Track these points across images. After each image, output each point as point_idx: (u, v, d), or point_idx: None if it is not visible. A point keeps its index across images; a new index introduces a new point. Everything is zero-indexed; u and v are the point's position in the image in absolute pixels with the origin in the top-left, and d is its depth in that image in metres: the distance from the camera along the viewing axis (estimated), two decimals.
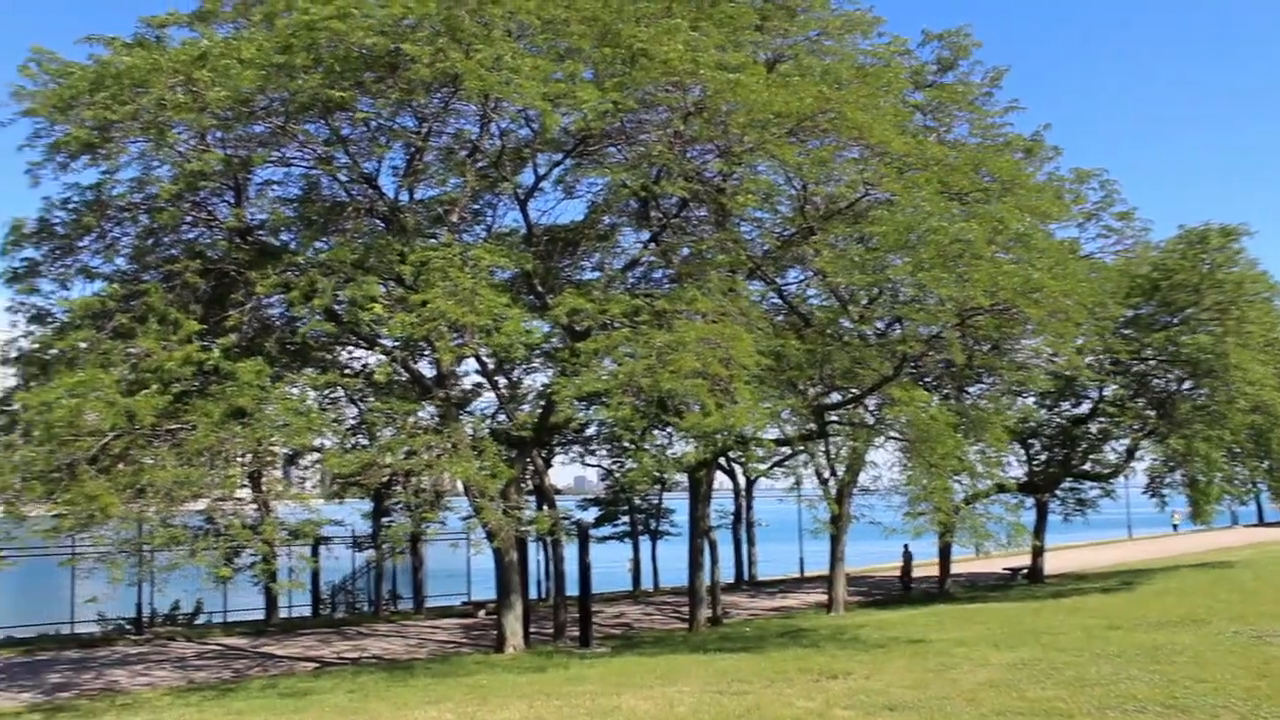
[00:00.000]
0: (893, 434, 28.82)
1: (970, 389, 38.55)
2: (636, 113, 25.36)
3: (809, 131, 25.25)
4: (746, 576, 51.20)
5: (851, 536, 37.29)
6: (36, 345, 25.44)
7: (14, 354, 26.38)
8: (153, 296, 22.26)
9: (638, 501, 49.58)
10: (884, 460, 37.62)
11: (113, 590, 25.97)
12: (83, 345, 22.43)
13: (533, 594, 35.69)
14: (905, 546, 41.95)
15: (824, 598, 36.90)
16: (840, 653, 21.71)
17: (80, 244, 25.39)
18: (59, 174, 23.70)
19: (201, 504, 23.29)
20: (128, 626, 34.17)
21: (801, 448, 35.53)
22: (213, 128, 22.83)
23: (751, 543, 51.80)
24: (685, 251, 28.90)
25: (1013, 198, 29.30)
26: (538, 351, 30.53)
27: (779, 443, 33.21)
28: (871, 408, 30.75)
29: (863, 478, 35.97)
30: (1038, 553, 44.54)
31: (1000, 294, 23.38)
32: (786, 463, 43.85)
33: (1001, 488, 29.41)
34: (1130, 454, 44.12)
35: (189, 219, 25.67)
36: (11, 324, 26.27)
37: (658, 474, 40.50)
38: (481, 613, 37.22)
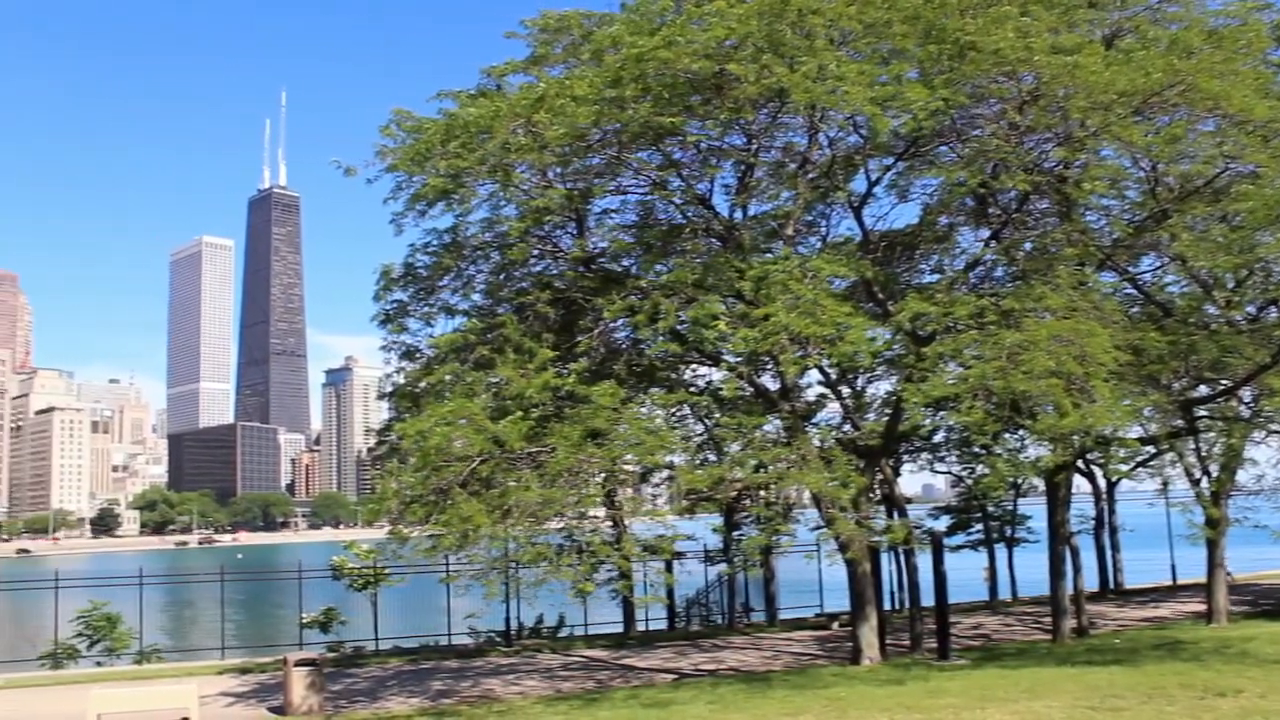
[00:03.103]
0: (1274, 428, 26.61)
1: None
2: (967, 108, 24.78)
3: (1157, 108, 23.93)
4: (1112, 585, 48.43)
5: (1232, 541, 34.47)
6: (407, 380, 27.66)
7: (389, 389, 28.84)
8: (508, 328, 23.69)
9: (991, 508, 47.92)
10: (1266, 457, 34.76)
11: (485, 605, 27.82)
12: (448, 378, 24.19)
13: (885, 605, 35.14)
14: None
15: (1201, 607, 34.31)
16: (1226, 668, 20.23)
17: (441, 284, 27.55)
18: (418, 221, 26.12)
19: (559, 522, 24.42)
20: (498, 639, 36.26)
21: (1167, 446, 33.39)
22: (553, 164, 24.14)
23: (1116, 549, 48.94)
24: (1028, 247, 27.77)
25: None
26: (881, 359, 30.11)
27: (1143, 442, 31.37)
28: (1247, 400, 28.56)
29: (1242, 476, 33.30)
30: None
31: None
32: (1151, 463, 41.38)
33: None
34: None
35: (536, 252, 27.23)
36: (385, 361, 28.82)
37: (1012, 479, 39.18)
38: (835, 624, 36.97)
